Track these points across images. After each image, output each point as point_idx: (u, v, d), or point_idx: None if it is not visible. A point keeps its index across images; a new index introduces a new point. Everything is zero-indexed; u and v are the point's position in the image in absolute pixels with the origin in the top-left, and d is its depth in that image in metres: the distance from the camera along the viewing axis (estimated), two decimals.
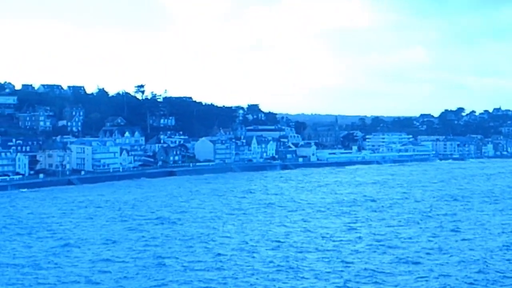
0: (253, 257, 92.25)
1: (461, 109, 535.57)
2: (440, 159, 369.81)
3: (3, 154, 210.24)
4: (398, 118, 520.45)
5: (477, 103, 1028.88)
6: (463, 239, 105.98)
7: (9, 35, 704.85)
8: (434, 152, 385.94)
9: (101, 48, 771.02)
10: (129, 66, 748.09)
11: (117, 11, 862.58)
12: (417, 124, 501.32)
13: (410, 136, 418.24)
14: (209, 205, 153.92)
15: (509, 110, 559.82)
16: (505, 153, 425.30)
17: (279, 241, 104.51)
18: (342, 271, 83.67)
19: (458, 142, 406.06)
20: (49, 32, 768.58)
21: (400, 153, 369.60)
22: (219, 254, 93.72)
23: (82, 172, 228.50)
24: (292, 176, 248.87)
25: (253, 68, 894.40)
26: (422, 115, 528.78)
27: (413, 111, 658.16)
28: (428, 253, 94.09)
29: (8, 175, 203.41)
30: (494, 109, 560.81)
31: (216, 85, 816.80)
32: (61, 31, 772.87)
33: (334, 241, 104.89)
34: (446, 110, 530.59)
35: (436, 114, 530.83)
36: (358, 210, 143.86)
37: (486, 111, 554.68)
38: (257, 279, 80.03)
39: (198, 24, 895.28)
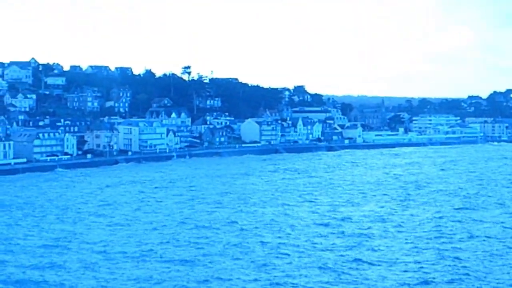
0: None
1: (510, 91, 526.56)
2: (488, 141, 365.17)
3: (51, 134, 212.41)
4: (446, 100, 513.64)
5: None
6: None
7: (58, 17, 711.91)
8: (482, 134, 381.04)
9: (147, 30, 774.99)
10: (176, 47, 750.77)
11: None
12: (465, 106, 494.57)
13: (458, 118, 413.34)
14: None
15: None
16: None
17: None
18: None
19: (507, 124, 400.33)
20: (97, 15, 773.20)
21: (448, 135, 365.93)
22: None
23: (129, 153, 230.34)
24: (348, 158, 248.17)
25: (298, 49, 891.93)
26: (470, 97, 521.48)
27: (461, 93, 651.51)
28: None
29: (57, 155, 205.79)
30: None
31: (262, 66, 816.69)
32: (109, 13, 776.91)
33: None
34: (494, 92, 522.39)
35: (484, 95, 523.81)
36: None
37: None
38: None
39: (242, 5, 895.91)
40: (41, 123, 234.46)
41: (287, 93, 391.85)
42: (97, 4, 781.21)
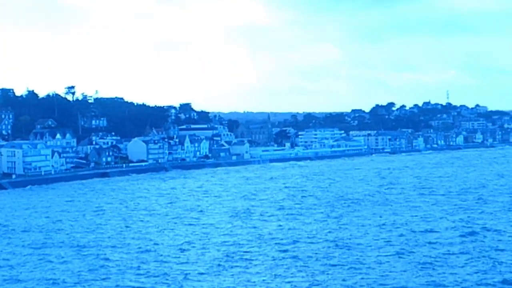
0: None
1: (391, 104, 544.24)
2: (372, 154, 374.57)
3: None
4: (330, 114, 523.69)
5: (400, 98, 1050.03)
6: None
7: None
8: (366, 147, 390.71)
9: (30, 50, 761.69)
10: (59, 67, 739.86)
11: (37, 12, 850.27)
12: (349, 119, 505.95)
13: (342, 131, 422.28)
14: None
15: (438, 104, 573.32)
16: (435, 146, 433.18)
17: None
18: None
19: (389, 137, 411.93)
20: None
21: (333, 149, 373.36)
22: None
23: (13, 176, 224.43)
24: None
25: (181, 67, 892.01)
26: (353, 111, 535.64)
27: (345, 107, 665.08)
28: None
29: None
30: (424, 103, 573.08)
31: (147, 84, 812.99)
32: None
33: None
34: (377, 105, 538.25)
35: (367, 109, 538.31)
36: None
37: (416, 105, 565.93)
38: None
39: (119, 24, 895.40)
40: None
41: (173, 111, 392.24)
42: None
